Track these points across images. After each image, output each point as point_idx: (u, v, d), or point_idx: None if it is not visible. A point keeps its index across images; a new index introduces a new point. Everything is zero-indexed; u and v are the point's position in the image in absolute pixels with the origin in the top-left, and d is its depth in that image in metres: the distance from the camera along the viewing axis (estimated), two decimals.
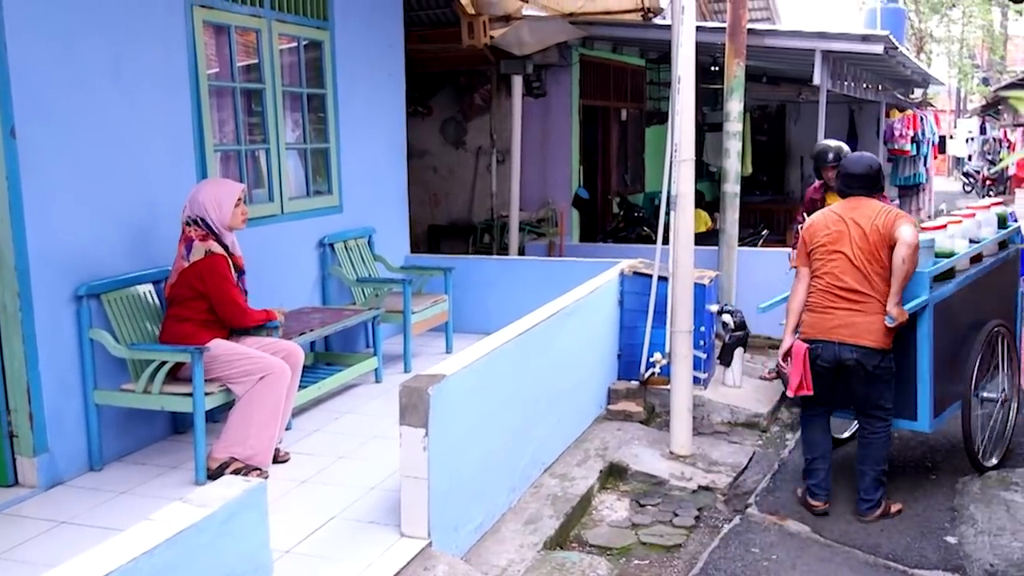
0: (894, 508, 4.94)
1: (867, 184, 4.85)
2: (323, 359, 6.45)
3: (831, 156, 6.70)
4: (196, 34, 5.44)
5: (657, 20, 10.25)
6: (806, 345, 4.75)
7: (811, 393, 4.75)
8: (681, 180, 5.56)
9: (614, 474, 5.36)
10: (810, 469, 5.02)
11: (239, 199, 4.87)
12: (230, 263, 4.83)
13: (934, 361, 4.93)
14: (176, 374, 4.72)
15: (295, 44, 6.51)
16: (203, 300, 4.76)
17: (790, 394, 4.87)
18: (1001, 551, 4.45)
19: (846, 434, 5.89)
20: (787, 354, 4.87)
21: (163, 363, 4.67)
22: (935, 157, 14.70)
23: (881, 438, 4.86)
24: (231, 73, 5.87)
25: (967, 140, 29.66)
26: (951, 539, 4.68)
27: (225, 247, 4.84)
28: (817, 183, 7.02)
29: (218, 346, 4.69)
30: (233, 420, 4.67)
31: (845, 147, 6.74)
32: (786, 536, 4.69)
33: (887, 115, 13.95)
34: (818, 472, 4.97)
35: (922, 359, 4.91)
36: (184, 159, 5.42)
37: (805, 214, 6.44)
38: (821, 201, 6.66)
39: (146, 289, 5.09)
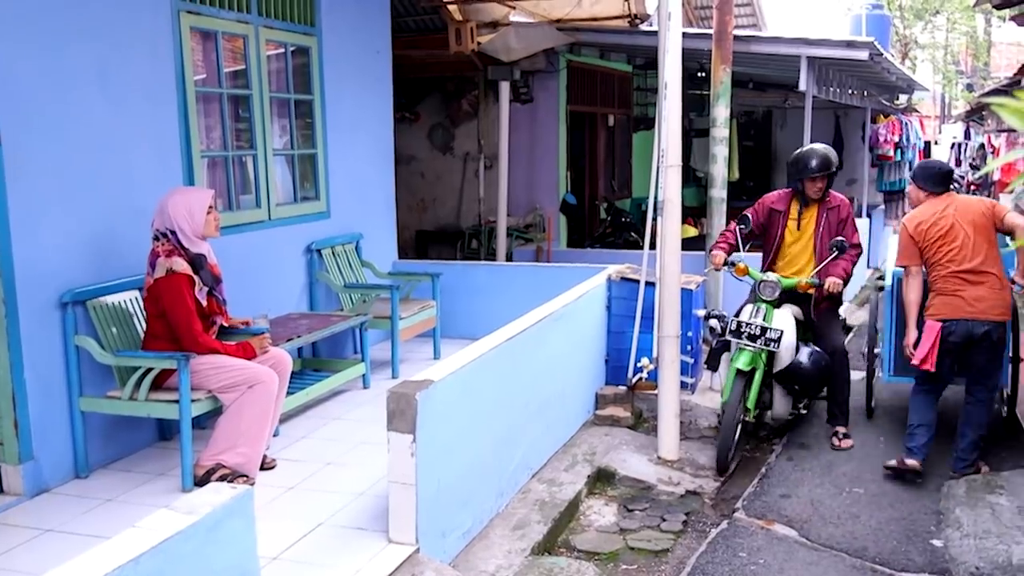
0: (983, 469, 5.50)
1: (947, 182, 5.61)
2: (310, 365, 6.44)
3: (815, 164, 5.94)
4: (183, 40, 5.43)
5: (644, 26, 10.28)
6: (940, 324, 5.25)
7: (932, 369, 5.29)
8: (668, 186, 5.58)
9: (602, 479, 5.36)
10: (912, 434, 5.54)
11: (210, 206, 4.79)
12: (194, 281, 4.70)
13: None
14: (162, 383, 4.69)
15: (282, 50, 6.50)
16: (167, 319, 4.69)
17: (915, 364, 5.38)
18: (986, 554, 4.47)
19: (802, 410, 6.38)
20: (915, 341, 5.39)
21: (149, 370, 4.65)
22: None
23: (986, 405, 5.43)
24: (218, 79, 5.86)
25: (952, 146, 29.86)
26: (937, 542, 4.70)
27: (200, 256, 4.76)
28: (783, 192, 6.23)
29: (204, 358, 4.65)
30: (221, 428, 4.64)
31: (833, 153, 6.09)
32: (773, 540, 4.71)
33: (872, 121, 14.02)
34: (919, 436, 5.51)
35: None
36: (171, 165, 5.41)
37: (743, 227, 6.04)
38: (786, 215, 6.11)
39: (132, 296, 5.06)
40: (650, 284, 6.24)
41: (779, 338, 5.53)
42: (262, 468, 4.82)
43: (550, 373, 5.41)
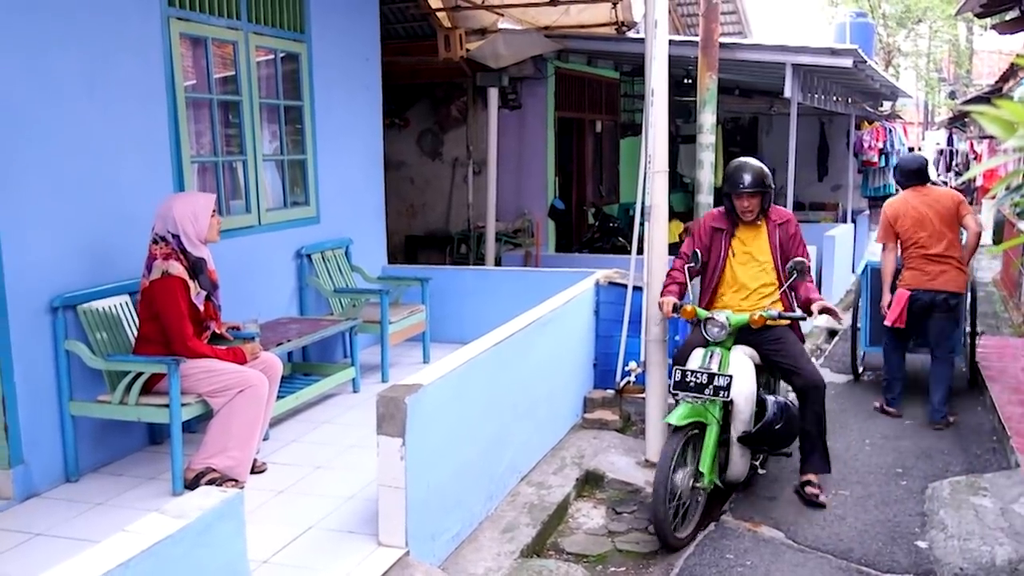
0: (952, 419, 6.66)
1: (922, 176, 6.77)
2: (300, 369, 6.45)
3: (749, 180, 5.13)
4: (173, 46, 5.45)
5: (631, 34, 10.36)
6: (908, 292, 6.54)
7: (903, 327, 6.59)
8: (655, 191, 5.63)
9: (590, 482, 5.40)
10: (889, 387, 6.95)
11: (213, 210, 4.85)
12: (189, 285, 4.72)
13: None
14: (152, 387, 4.70)
15: (272, 56, 6.53)
16: (159, 322, 4.71)
17: (888, 323, 6.62)
18: (971, 555, 4.52)
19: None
20: (888, 303, 6.63)
21: (139, 374, 4.67)
22: None
23: (948, 362, 6.71)
24: (208, 85, 5.88)
25: (941, 153, 30.08)
26: (921, 544, 4.75)
27: (201, 261, 4.80)
28: (718, 211, 5.45)
29: (195, 362, 4.67)
30: (212, 432, 4.66)
31: (766, 170, 5.26)
32: (760, 542, 4.75)
33: (857, 127, 14.12)
34: (895, 388, 6.91)
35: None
36: (161, 171, 5.42)
37: (693, 263, 5.21)
38: (729, 234, 5.28)
39: (122, 300, 5.07)
40: (637, 288, 6.28)
41: (729, 385, 4.70)
42: (252, 472, 4.84)
43: (539, 377, 5.44)
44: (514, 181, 11.19)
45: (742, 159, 5.36)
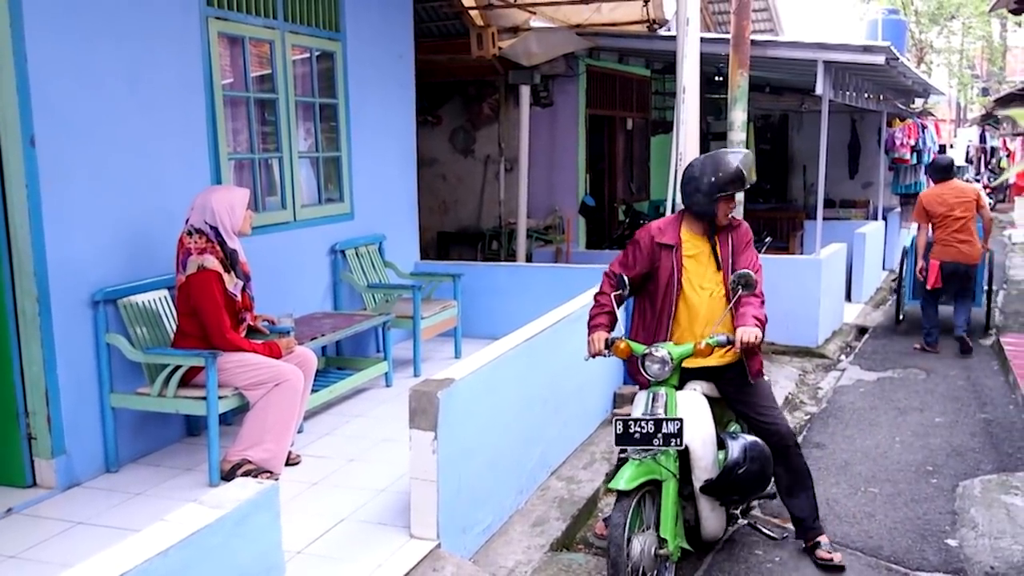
0: (970, 342, 8.80)
1: (951, 173, 8.91)
2: (334, 363, 6.54)
3: (731, 177, 4.22)
4: (211, 45, 5.54)
5: (662, 31, 10.35)
6: (938, 262, 8.65)
7: (939, 286, 8.71)
8: None
9: None
10: (928, 333, 8.98)
11: (248, 204, 4.95)
12: (223, 278, 4.79)
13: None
14: (190, 380, 4.80)
15: (307, 55, 6.61)
16: (197, 316, 4.79)
17: (928, 287, 8.78)
18: (1001, 554, 4.52)
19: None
20: (923, 269, 8.80)
21: (177, 367, 4.76)
22: None
23: (968, 306, 8.92)
24: (245, 83, 5.97)
25: (979, 151, 29.81)
26: (952, 542, 4.74)
27: (234, 252, 4.89)
28: (669, 219, 4.50)
29: (232, 356, 4.76)
30: (248, 424, 4.74)
31: (748, 163, 4.34)
32: (789, 539, 4.75)
33: (888, 124, 14.01)
34: (933, 334, 8.94)
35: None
36: (199, 167, 5.52)
37: (620, 290, 4.24)
38: (679, 251, 4.29)
39: (161, 294, 5.17)
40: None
41: (679, 431, 3.83)
42: (287, 464, 4.92)
43: (569, 372, 5.47)
44: (545, 178, 11.22)
45: (713, 154, 4.40)
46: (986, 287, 9.67)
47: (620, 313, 4.53)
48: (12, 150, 4.42)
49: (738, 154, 4.38)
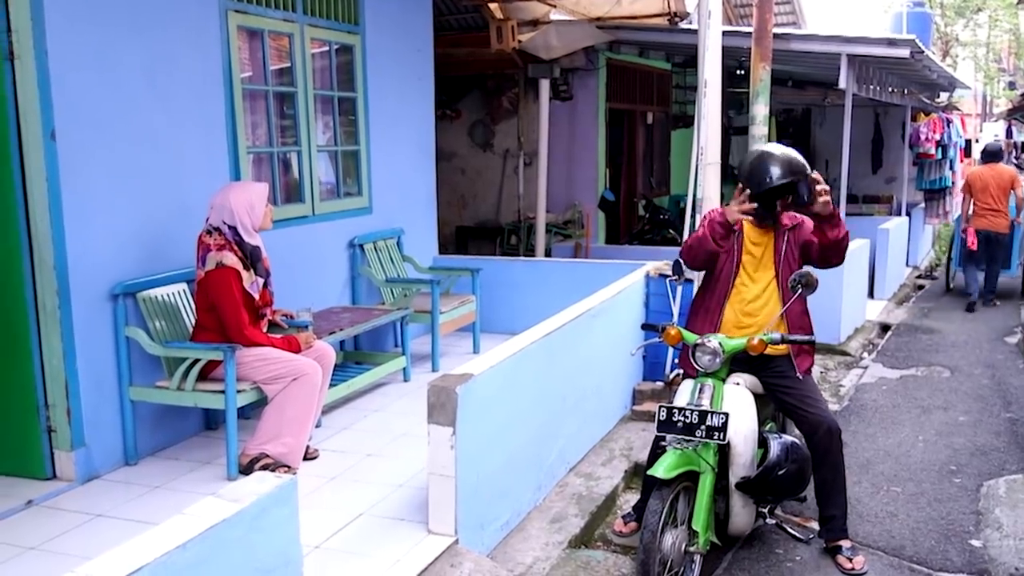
0: (976, 306, 10.90)
1: (998, 157, 11.25)
2: (352, 358, 6.54)
3: (781, 171, 4.12)
4: (230, 38, 5.54)
5: (683, 24, 10.27)
6: (975, 230, 10.81)
7: (975, 248, 10.81)
8: (707, 183, 5.61)
9: (639, 474, 5.38)
10: (970, 292, 11.00)
11: (267, 199, 4.95)
12: (242, 275, 4.79)
13: None
14: (209, 374, 4.80)
15: (327, 48, 6.60)
16: (216, 312, 4.80)
17: (970, 247, 10.87)
18: None
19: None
20: (964, 230, 11.05)
21: (196, 361, 4.76)
22: (961, 161, 14.58)
23: (997, 273, 11.07)
24: (264, 77, 5.97)
25: (1009, 146, 29.62)
26: (975, 542, 4.69)
27: (256, 249, 4.89)
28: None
29: (250, 350, 4.76)
30: (266, 418, 4.74)
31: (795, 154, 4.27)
32: (810, 535, 4.71)
33: (913, 119, 13.87)
34: (974, 292, 10.97)
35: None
36: (218, 161, 5.52)
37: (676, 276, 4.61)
38: (741, 239, 4.34)
39: (180, 288, 5.18)
40: (688, 281, 6.25)
41: (724, 424, 3.85)
42: (305, 458, 4.92)
43: (588, 368, 5.45)
44: (564, 172, 11.19)
45: (762, 148, 4.38)
46: (1020, 258, 11.63)
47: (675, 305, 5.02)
48: (33, 144, 4.43)
49: (781, 150, 4.27)
